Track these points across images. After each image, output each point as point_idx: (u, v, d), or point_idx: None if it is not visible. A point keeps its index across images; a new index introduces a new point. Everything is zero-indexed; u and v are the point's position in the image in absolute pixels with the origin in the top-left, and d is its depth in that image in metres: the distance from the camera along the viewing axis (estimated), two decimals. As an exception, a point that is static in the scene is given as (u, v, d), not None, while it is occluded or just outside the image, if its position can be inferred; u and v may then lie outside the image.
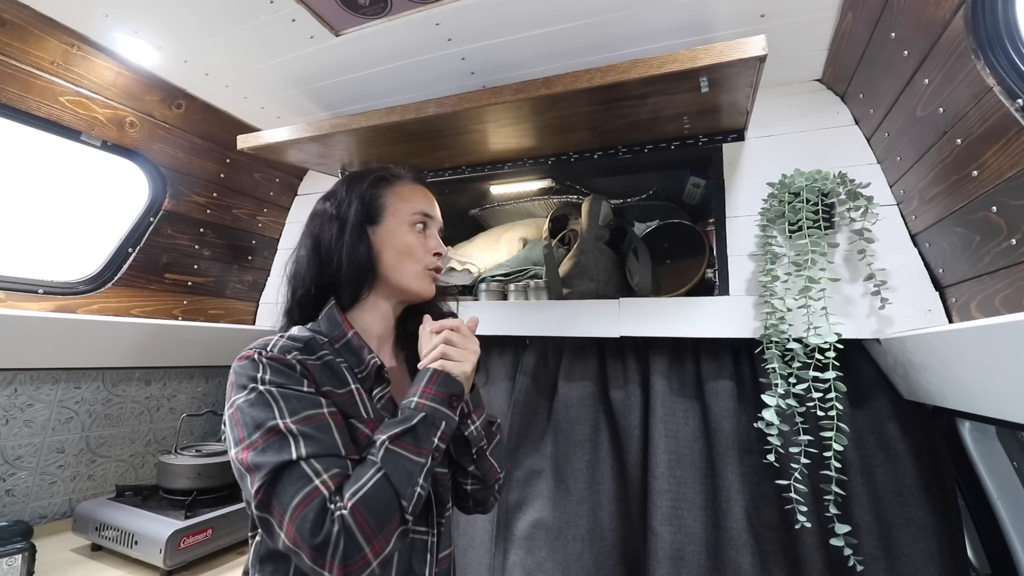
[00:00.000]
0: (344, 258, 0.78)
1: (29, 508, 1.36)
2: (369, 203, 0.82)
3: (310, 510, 0.56)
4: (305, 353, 0.70)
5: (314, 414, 0.63)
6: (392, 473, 0.61)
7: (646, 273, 1.32)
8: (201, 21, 1.12)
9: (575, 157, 1.41)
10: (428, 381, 0.71)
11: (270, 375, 0.65)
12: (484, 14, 1.06)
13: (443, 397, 0.70)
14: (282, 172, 1.80)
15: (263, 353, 0.67)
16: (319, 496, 0.57)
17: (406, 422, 0.65)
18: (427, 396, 0.69)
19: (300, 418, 0.62)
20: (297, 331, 0.75)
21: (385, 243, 0.80)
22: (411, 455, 0.64)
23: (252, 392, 0.64)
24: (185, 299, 1.62)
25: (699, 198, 1.50)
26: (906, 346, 0.96)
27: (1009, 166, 0.73)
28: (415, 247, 0.81)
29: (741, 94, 1.02)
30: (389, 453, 0.62)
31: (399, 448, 0.63)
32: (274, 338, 0.71)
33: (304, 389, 0.65)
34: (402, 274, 0.80)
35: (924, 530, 1.02)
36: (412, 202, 0.84)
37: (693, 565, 1.14)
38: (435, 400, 0.69)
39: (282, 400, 0.63)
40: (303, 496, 0.57)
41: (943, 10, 0.78)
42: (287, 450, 0.59)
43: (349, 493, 0.58)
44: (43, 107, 1.20)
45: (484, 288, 1.50)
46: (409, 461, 0.63)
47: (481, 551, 1.35)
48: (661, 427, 1.22)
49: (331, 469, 0.59)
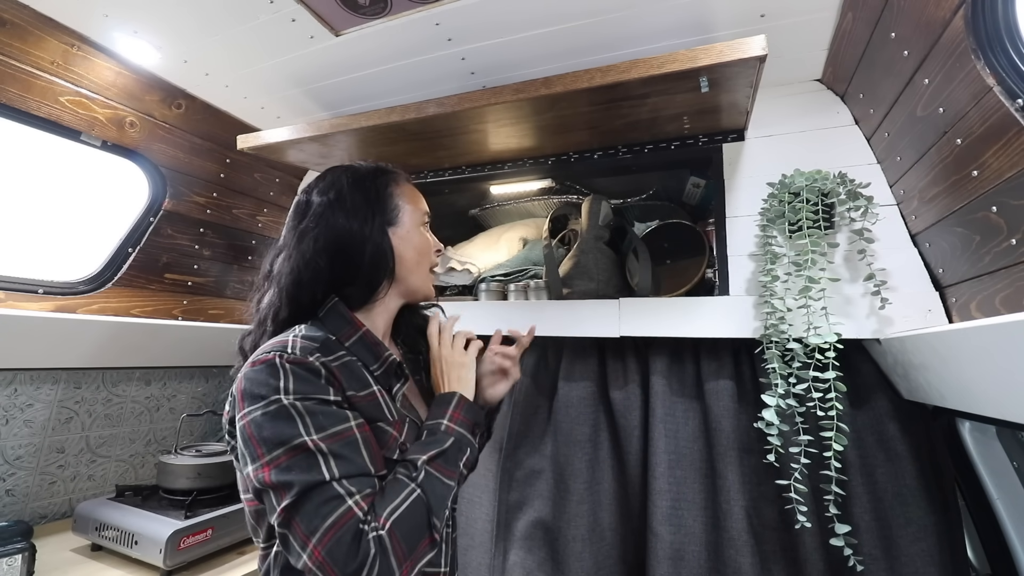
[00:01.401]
0: (367, 259, 0.75)
1: (29, 508, 1.36)
2: (386, 203, 0.80)
3: (345, 532, 0.54)
4: (324, 354, 0.66)
5: (343, 430, 0.61)
6: (430, 495, 0.62)
7: (646, 273, 1.32)
8: (201, 21, 1.12)
9: (575, 157, 1.41)
10: (455, 406, 0.73)
11: (294, 383, 0.60)
12: (484, 14, 1.06)
13: (468, 424, 0.72)
14: (282, 172, 1.80)
15: (284, 356, 0.62)
16: (352, 518, 0.55)
17: (438, 444, 0.67)
18: (456, 421, 0.72)
19: (328, 435, 0.59)
20: (307, 330, 0.69)
21: (405, 244, 0.79)
22: (444, 478, 0.65)
23: (272, 404, 0.59)
24: (185, 299, 1.61)
25: (699, 198, 1.50)
26: (906, 346, 0.96)
27: (1009, 166, 0.73)
28: (428, 248, 0.83)
29: (741, 94, 1.02)
30: (428, 476, 0.63)
31: (435, 470, 0.65)
32: (290, 338, 0.66)
33: (330, 397, 0.62)
34: (418, 276, 0.82)
35: (924, 530, 1.02)
36: (420, 202, 0.86)
37: (693, 565, 1.14)
38: (462, 426, 0.72)
39: (308, 415, 0.59)
40: (336, 518, 0.54)
41: (943, 10, 0.78)
42: (316, 469, 0.56)
43: (385, 514, 0.56)
44: (43, 107, 1.20)
45: (484, 288, 1.50)
46: (443, 484, 0.64)
47: (481, 551, 1.35)
48: (661, 427, 1.22)
49: (364, 489, 0.58)
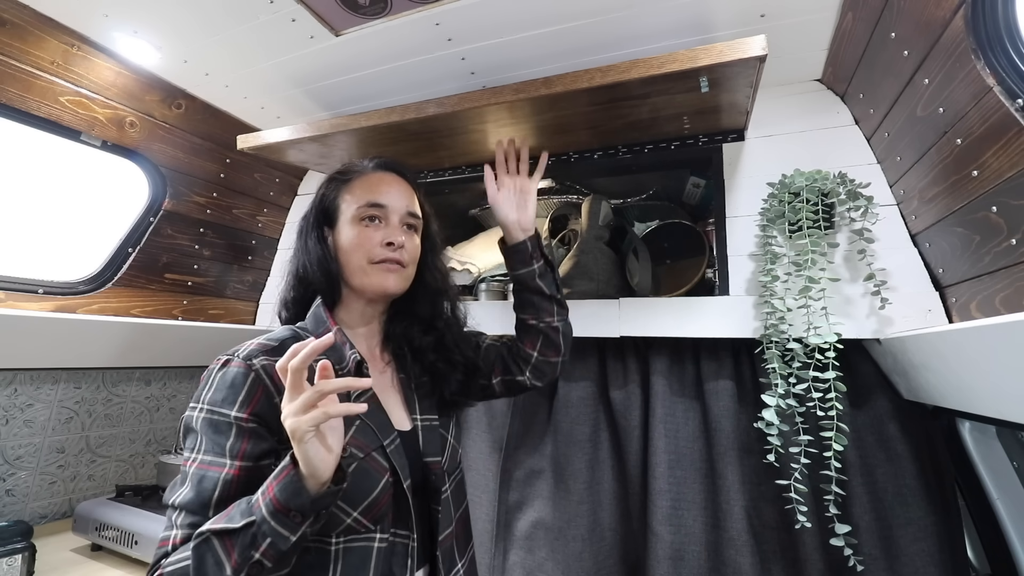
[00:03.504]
0: (310, 263, 0.80)
1: (29, 508, 1.36)
2: (328, 206, 0.84)
3: (155, 556, 0.61)
4: (277, 354, 0.69)
5: (214, 462, 0.63)
6: (196, 570, 0.55)
7: (646, 273, 1.32)
8: (201, 21, 1.12)
9: (575, 157, 1.41)
10: (276, 475, 0.56)
11: (211, 394, 0.66)
12: (484, 14, 1.06)
13: (280, 507, 0.54)
14: (282, 172, 1.80)
15: (228, 360, 0.69)
16: (163, 547, 0.61)
17: (232, 520, 0.56)
18: (266, 497, 0.55)
19: (201, 462, 0.63)
20: (279, 331, 0.77)
21: (338, 244, 0.82)
22: (223, 559, 0.54)
23: (193, 411, 0.67)
24: (185, 299, 1.62)
25: (699, 198, 1.50)
26: (906, 346, 0.96)
27: (1009, 166, 0.73)
28: (361, 242, 0.80)
29: (741, 94, 1.02)
30: (201, 547, 0.55)
31: (217, 545, 0.55)
32: (254, 340, 0.73)
33: (232, 414, 0.64)
34: (353, 274, 0.80)
35: (924, 530, 1.02)
36: (360, 196, 0.82)
37: (693, 565, 1.14)
38: (269, 507, 0.54)
39: (201, 435, 0.65)
40: (161, 539, 0.62)
41: (943, 10, 0.78)
42: (178, 490, 0.63)
43: (168, 561, 0.59)
44: (43, 107, 1.20)
45: (484, 288, 1.50)
46: (215, 566, 0.54)
47: (481, 551, 1.35)
48: (661, 427, 1.22)
49: (185, 528, 0.60)
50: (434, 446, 0.80)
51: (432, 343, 0.87)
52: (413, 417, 0.81)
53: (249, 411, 0.65)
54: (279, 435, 0.64)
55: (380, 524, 0.69)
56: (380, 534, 0.68)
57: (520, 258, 0.96)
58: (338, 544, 0.66)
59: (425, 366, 0.86)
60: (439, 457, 0.79)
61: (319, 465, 0.55)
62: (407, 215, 0.84)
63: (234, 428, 0.64)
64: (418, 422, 0.81)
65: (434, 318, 0.88)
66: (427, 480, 0.77)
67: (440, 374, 0.86)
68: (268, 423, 0.65)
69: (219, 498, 0.61)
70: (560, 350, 0.96)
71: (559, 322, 0.96)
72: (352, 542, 0.67)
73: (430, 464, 0.78)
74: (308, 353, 0.55)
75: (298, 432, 0.54)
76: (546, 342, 0.95)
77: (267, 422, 0.65)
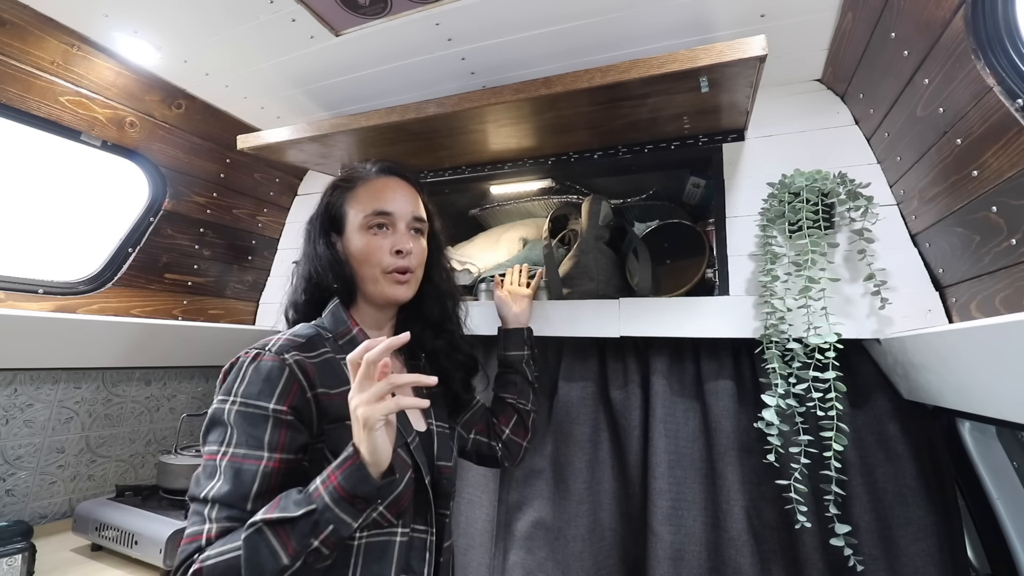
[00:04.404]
0: (322, 268, 0.81)
1: (29, 508, 1.36)
2: (335, 213, 0.84)
3: (185, 550, 0.59)
4: (306, 350, 0.70)
5: (250, 455, 0.62)
6: (248, 560, 0.54)
7: (646, 273, 1.32)
8: (201, 21, 1.12)
9: (575, 157, 1.41)
10: (339, 464, 0.58)
11: (245, 387, 0.65)
12: (484, 14, 1.06)
13: (345, 495, 0.57)
14: (282, 172, 1.80)
15: (258, 354, 0.68)
16: (196, 542, 0.58)
17: (287, 509, 0.56)
18: (328, 485, 0.57)
19: (234, 455, 0.62)
20: (302, 328, 0.76)
21: (349, 252, 0.82)
22: (277, 549, 0.55)
23: (222, 403, 0.65)
24: (185, 299, 1.61)
25: (699, 198, 1.49)
26: (906, 346, 0.96)
27: (1009, 166, 0.73)
28: (371, 252, 0.80)
29: (741, 94, 1.02)
30: (253, 537, 0.55)
31: (270, 535, 0.55)
32: (277, 336, 0.72)
33: (270, 406, 0.64)
34: (364, 281, 0.81)
35: (924, 530, 1.02)
36: (366, 203, 0.82)
37: (693, 565, 1.14)
38: (333, 495, 0.57)
39: (233, 428, 0.63)
40: (191, 533, 0.60)
41: (943, 10, 0.78)
42: (207, 483, 0.61)
43: (207, 553, 0.57)
44: (43, 107, 1.20)
45: (484, 288, 1.50)
46: (271, 556, 0.54)
47: (481, 551, 1.35)
48: (661, 427, 1.22)
49: (222, 521, 0.59)
50: (446, 451, 0.82)
51: (444, 346, 0.90)
52: (428, 421, 0.83)
53: (288, 404, 0.65)
54: (310, 429, 0.67)
55: (402, 519, 0.70)
56: (402, 528, 0.70)
57: (515, 341, 1.11)
58: (361, 539, 0.66)
59: (437, 369, 0.88)
60: (450, 462, 0.82)
61: (384, 454, 0.58)
62: (413, 220, 0.85)
63: (271, 420, 0.64)
64: (433, 426, 0.82)
65: (444, 320, 0.91)
66: (438, 483, 0.78)
67: (447, 375, 0.89)
68: (303, 417, 0.66)
69: (259, 491, 0.61)
70: (528, 434, 1.05)
71: (532, 410, 1.08)
72: (375, 536, 0.68)
73: (442, 468, 0.79)
74: (386, 347, 0.58)
75: (371, 420, 0.56)
76: (519, 422, 1.04)
77: (302, 416, 0.66)
